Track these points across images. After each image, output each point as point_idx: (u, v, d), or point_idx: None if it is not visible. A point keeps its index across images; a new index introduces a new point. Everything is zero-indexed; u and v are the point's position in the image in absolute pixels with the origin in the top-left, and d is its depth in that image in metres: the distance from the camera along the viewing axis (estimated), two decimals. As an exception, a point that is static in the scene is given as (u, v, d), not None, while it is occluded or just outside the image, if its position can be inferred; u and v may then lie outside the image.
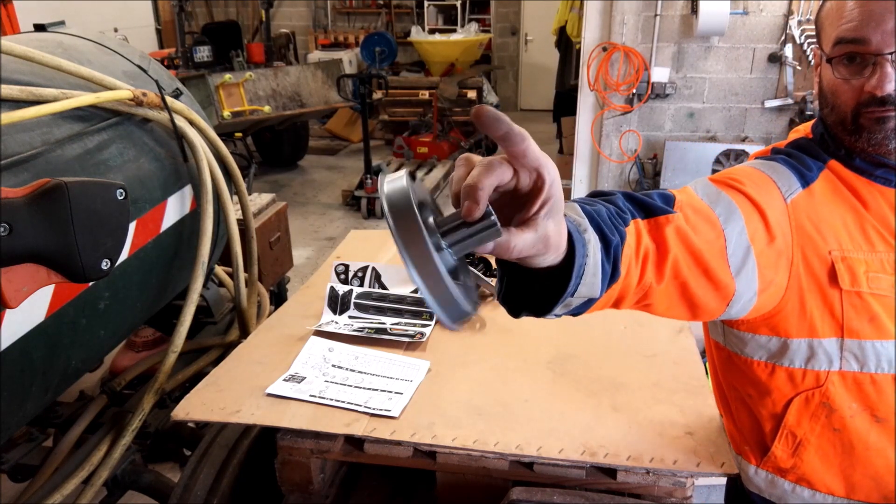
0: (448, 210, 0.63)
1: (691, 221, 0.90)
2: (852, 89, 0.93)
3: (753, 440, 1.18)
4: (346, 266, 1.80)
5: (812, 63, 4.76)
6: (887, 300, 0.98)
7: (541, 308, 0.76)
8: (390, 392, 1.38)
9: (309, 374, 1.45)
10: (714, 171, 5.21)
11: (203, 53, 6.09)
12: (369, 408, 1.32)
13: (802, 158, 1.05)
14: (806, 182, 1.02)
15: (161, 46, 8.40)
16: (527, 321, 0.94)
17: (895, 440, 1.03)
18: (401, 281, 1.78)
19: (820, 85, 1.03)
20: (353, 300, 1.72)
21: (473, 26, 8.92)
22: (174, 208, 1.93)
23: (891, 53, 0.89)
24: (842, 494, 1.10)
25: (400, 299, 1.71)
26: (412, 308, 1.70)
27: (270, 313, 2.09)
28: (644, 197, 0.90)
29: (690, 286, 0.88)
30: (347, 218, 6.11)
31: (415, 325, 1.66)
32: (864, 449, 1.05)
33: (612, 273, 0.78)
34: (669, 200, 0.91)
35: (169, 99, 1.90)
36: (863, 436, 1.04)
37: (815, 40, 1.03)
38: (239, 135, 6.23)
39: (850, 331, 0.99)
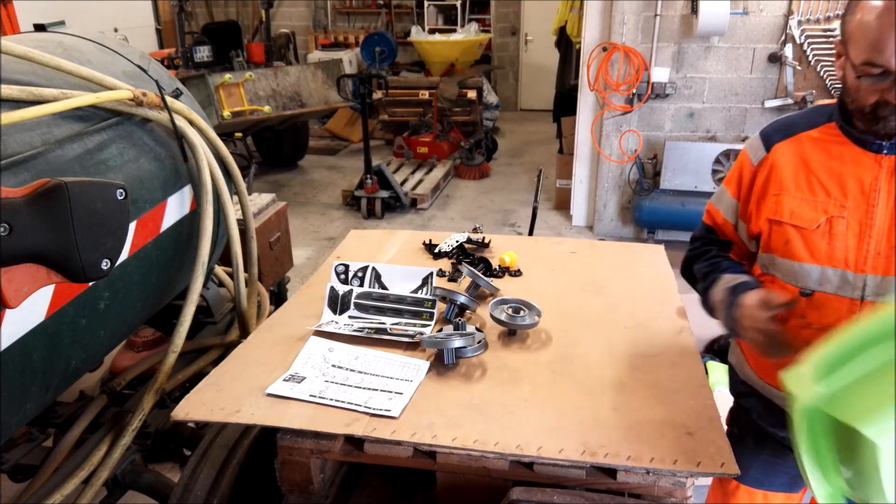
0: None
1: (720, 229, 1.58)
2: (874, 92, 1.21)
3: None
4: (346, 266, 1.80)
5: (812, 61, 4.77)
6: (805, 231, 1.34)
7: None
8: (390, 392, 1.38)
9: (309, 374, 1.45)
10: (714, 171, 5.20)
11: (203, 53, 6.09)
12: (369, 408, 1.32)
13: (792, 124, 1.44)
14: (768, 147, 1.44)
15: (161, 46, 8.40)
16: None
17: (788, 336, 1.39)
18: (401, 281, 1.78)
19: (844, 78, 1.30)
20: (353, 300, 1.72)
21: (473, 26, 8.92)
22: (174, 208, 1.93)
23: None
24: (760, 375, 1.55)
25: (400, 299, 1.71)
26: (412, 308, 1.69)
27: (270, 313, 2.08)
28: (716, 240, 1.60)
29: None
30: (347, 218, 6.11)
31: (415, 325, 1.66)
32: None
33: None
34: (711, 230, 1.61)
35: (169, 99, 1.90)
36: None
37: (815, 40, 1.32)
38: (239, 135, 6.23)
39: (769, 248, 1.42)
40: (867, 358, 0.98)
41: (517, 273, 1.95)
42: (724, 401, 1.72)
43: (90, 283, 1.57)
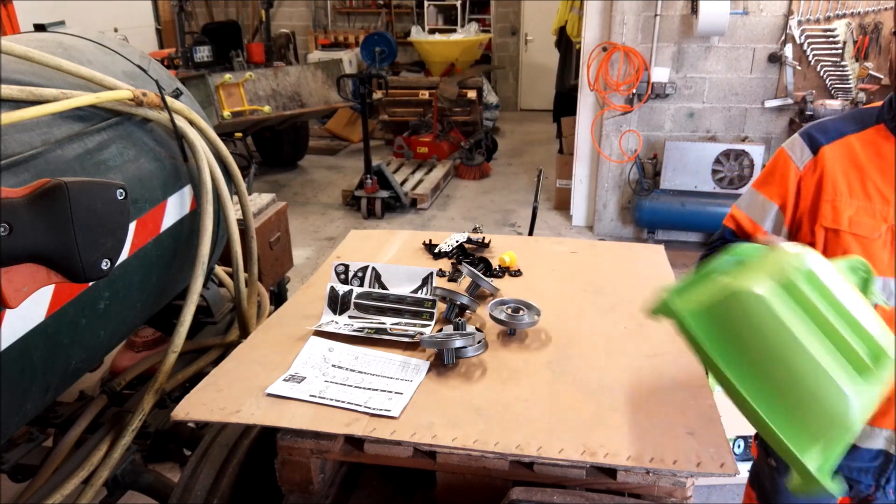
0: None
1: (747, 234, 1.46)
2: None
3: None
4: (346, 266, 1.80)
5: (812, 61, 4.76)
6: (866, 240, 1.27)
7: None
8: (390, 392, 1.38)
9: (309, 374, 1.45)
10: (714, 171, 5.19)
11: (203, 53, 6.10)
12: (369, 408, 1.32)
13: (838, 122, 1.38)
14: (815, 150, 1.37)
15: (161, 46, 8.41)
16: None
17: None
18: (401, 281, 1.78)
19: (892, 61, 1.30)
20: (353, 300, 1.72)
21: (473, 26, 8.92)
22: (174, 208, 1.93)
23: None
24: None
25: (400, 299, 1.71)
26: (412, 308, 1.69)
27: (270, 313, 2.09)
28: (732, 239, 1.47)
29: None
30: (347, 218, 6.11)
31: (415, 325, 1.66)
32: None
33: None
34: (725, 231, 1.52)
35: (169, 99, 1.90)
36: None
37: (815, 40, 1.29)
38: (239, 135, 6.23)
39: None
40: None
41: (517, 273, 1.95)
42: (725, 401, 1.71)
43: (90, 283, 1.57)
